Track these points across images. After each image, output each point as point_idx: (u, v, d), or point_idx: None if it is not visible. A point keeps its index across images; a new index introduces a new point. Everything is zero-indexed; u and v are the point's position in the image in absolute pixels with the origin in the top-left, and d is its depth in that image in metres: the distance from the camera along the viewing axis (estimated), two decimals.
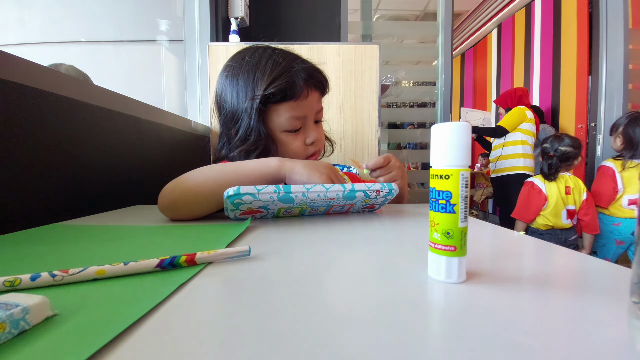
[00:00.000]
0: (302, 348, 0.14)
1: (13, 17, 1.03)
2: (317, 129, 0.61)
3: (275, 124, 0.56)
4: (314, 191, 0.41)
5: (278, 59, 0.55)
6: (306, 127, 0.59)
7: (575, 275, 0.24)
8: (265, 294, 0.20)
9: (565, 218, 1.53)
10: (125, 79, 1.28)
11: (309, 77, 0.56)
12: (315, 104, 0.58)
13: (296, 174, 0.46)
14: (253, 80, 0.54)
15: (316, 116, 0.60)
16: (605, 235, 1.58)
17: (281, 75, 0.53)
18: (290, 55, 0.57)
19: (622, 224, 1.54)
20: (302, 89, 0.55)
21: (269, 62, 0.55)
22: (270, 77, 0.53)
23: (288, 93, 0.54)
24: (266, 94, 0.53)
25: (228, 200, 0.39)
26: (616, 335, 0.15)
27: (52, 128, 0.48)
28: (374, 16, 4.02)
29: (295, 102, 0.55)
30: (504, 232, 0.38)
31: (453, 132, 0.21)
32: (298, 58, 0.58)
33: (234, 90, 0.56)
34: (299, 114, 0.56)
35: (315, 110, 0.59)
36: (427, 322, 0.16)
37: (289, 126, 0.56)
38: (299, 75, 0.54)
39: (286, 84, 0.53)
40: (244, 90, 0.55)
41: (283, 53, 0.57)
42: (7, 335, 0.14)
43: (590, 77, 2.65)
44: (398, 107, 2.24)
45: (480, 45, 4.31)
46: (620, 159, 1.58)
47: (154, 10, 1.40)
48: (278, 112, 0.55)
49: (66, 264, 0.24)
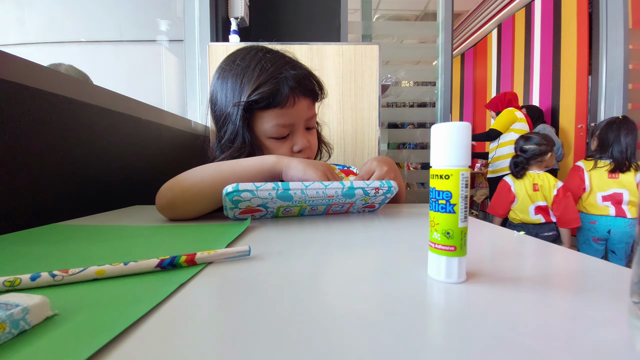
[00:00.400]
0: (302, 348, 0.14)
1: (13, 17, 1.03)
2: (308, 135, 0.59)
3: (261, 131, 0.55)
4: (313, 188, 0.41)
5: (267, 65, 0.54)
6: (294, 134, 0.57)
7: (575, 275, 0.24)
8: (265, 294, 0.20)
9: (533, 214, 1.61)
10: (125, 79, 1.28)
11: (297, 84, 0.54)
12: (304, 111, 0.56)
13: (292, 169, 0.46)
14: (240, 85, 0.54)
15: (306, 123, 0.58)
16: (584, 234, 1.65)
17: (267, 82, 0.52)
18: (280, 61, 0.55)
19: (597, 221, 1.60)
20: (287, 97, 0.53)
21: (257, 68, 0.54)
22: (255, 84, 0.52)
23: (272, 100, 0.53)
24: (250, 101, 0.52)
25: (227, 198, 0.39)
26: (616, 335, 0.15)
27: (52, 128, 0.48)
28: (374, 16, 4.02)
29: (281, 110, 0.54)
30: (504, 232, 0.38)
31: (453, 132, 0.21)
32: (289, 64, 0.56)
33: (223, 92, 0.56)
34: (285, 122, 0.55)
35: (304, 117, 0.57)
36: (427, 322, 0.16)
37: (274, 133, 0.55)
38: (286, 82, 0.53)
39: (270, 91, 0.52)
40: (232, 94, 0.55)
41: (274, 58, 0.55)
42: (7, 335, 0.14)
43: (590, 77, 2.65)
44: (398, 107, 2.24)
45: (480, 45, 4.31)
46: (591, 159, 1.66)
47: (154, 10, 1.40)
48: (263, 119, 0.54)
49: (66, 264, 0.24)
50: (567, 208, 1.57)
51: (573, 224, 1.57)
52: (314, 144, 0.61)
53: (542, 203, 1.59)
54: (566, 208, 1.57)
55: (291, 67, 0.55)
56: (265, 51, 0.57)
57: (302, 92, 0.55)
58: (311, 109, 0.59)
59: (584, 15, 2.70)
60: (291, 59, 0.57)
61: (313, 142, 0.61)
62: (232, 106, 0.54)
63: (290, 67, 0.55)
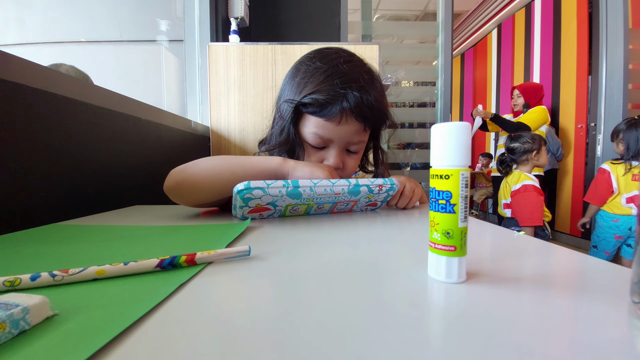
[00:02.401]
0: (302, 348, 0.14)
1: (13, 17, 1.03)
2: (345, 157, 0.58)
3: (303, 132, 0.56)
4: (321, 186, 0.42)
5: (335, 79, 0.52)
6: (330, 149, 0.56)
7: (575, 275, 0.24)
8: (265, 294, 0.20)
9: (503, 208, 1.78)
10: (126, 79, 1.28)
11: (353, 106, 0.52)
12: (349, 134, 0.55)
13: (298, 170, 0.47)
14: (304, 84, 0.54)
15: (348, 145, 0.57)
16: (605, 231, 1.73)
17: (325, 91, 0.52)
18: (353, 77, 0.53)
19: (620, 220, 1.69)
20: (335, 114, 0.52)
21: (326, 73, 0.53)
22: (315, 88, 0.52)
23: (320, 110, 0.52)
24: (301, 101, 0.53)
25: (238, 196, 0.39)
26: (616, 335, 0.15)
27: (52, 128, 0.48)
28: (374, 16, 4.02)
29: (325, 122, 0.53)
30: (504, 232, 0.38)
31: (453, 132, 0.21)
32: (358, 83, 0.53)
33: (291, 85, 0.57)
34: (323, 134, 0.54)
35: (347, 139, 0.55)
36: (427, 322, 0.16)
37: (310, 140, 0.55)
38: (342, 99, 0.52)
39: (324, 100, 0.52)
40: (296, 88, 0.56)
41: (349, 71, 0.54)
42: (7, 335, 0.14)
43: (590, 77, 2.66)
44: (398, 107, 2.24)
45: (480, 45, 4.31)
46: (619, 161, 1.70)
47: (154, 10, 1.40)
48: (307, 122, 0.55)
49: (66, 264, 0.24)
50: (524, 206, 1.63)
51: (526, 223, 1.63)
52: (349, 168, 0.59)
53: (507, 200, 1.72)
54: (521, 206, 1.64)
55: (358, 87, 0.52)
56: (346, 60, 0.55)
57: (354, 116, 0.53)
58: (360, 135, 0.56)
59: (584, 15, 2.70)
60: (366, 80, 0.54)
61: (350, 165, 0.59)
62: (283, 101, 0.56)
63: (358, 87, 0.52)
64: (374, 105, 0.54)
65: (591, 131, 2.62)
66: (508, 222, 1.72)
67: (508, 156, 1.76)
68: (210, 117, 1.04)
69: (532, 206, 1.61)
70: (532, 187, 1.63)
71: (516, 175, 1.70)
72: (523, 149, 1.69)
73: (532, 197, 1.62)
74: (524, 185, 1.64)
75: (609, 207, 1.71)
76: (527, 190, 1.63)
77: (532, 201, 1.61)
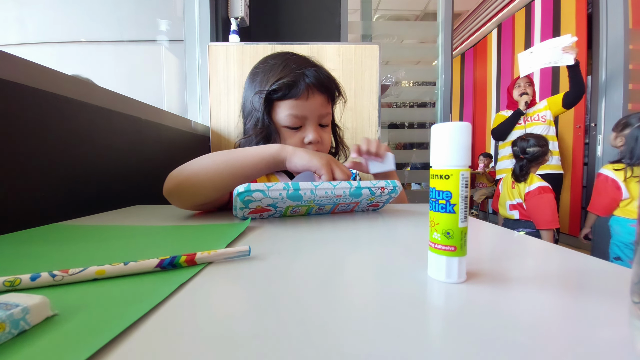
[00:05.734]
0: (302, 348, 0.14)
1: (13, 17, 1.03)
2: (320, 131, 0.63)
3: (278, 119, 0.61)
4: (322, 188, 0.42)
5: (291, 63, 0.61)
6: (306, 127, 0.61)
7: (575, 275, 0.24)
8: (265, 294, 0.20)
9: (509, 210, 1.71)
10: (126, 79, 1.28)
11: (314, 81, 0.59)
12: (317, 107, 0.61)
13: (297, 157, 0.48)
14: (267, 78, 0.61)
15: (320, 119, 0.63)
16: (625, 237, 1.57)
17: (287, 76, 0.59)
18: (305, 62, 0.62)
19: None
20: (302, 90, 0.58)
21: (282, 64, 0.61)
22: (278, 76, 0.59)
23: (289, 92, 0.59)
24: (270, 90, 0.59)
25: (238, 198, 0.39)
26: (616, 335, 0.15)
27: (52, 128, 0.48)
28: (374, 16, 4.02)
29: (296, 101, 0.59)
30: (504, 232, 0.38)
31: (453, 132, 0.21)
32: (311, 64, 0.62)
33: (252, 85, 0.64)
34: (298, 113, 0.60)
35: (317, 112, 0.61)
36: (427, 322, 0.16)
37: (288, 123, 0.60)
38: (304, 77, 0.59)
39: (288, 83, 0.58)
40: (259, 85, 0.61)
41: (300, 59, 0.63)
42: (7, 335, 0.14)
43: (590, 77, 2.65)
44: (398, 107, 2.24)
45: (480, 45, 4.31)
46: (620, 165, 1.56)
47: (154, 10, 1.40)
48: (280, 107, 0.60)
49: (66, 264, 0.24)
50: (538, 208, 1.58)
51: (541, 226, 1.57)
52: (326, 141, 0.65)
53: (516, 201, 1.66)
54: (536, 208, 1.58)
55: (312, 66, 0.61)
56: (295, 54, 0.65)
57: (317, 89, 0.60)
58: (325, 107, 0.63)
59: (584, 16, 2.70)
60: (315, 63, 0.63)
61: (325, 138, 0.64)
62: (254, 94, 0.61)
63: (312, 66, 0.61)
64: (330, 76, 0.63)
65: (591, 131, 2.62)
66: (515, 224, 1.64)
67: (525, 162, 1.65)
68: (210, 117, 1.04)
69: (552, 209, 1.56)
70: (548, 188, 1.59)
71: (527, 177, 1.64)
72: (541, 152, 1.63)
73: (550, 199, 1.56)
74: (540, 187, 1.57)
75: (624, 212, 1.56)
76: (545, 192, 1.56)
77: (551, 203, 1.56)
